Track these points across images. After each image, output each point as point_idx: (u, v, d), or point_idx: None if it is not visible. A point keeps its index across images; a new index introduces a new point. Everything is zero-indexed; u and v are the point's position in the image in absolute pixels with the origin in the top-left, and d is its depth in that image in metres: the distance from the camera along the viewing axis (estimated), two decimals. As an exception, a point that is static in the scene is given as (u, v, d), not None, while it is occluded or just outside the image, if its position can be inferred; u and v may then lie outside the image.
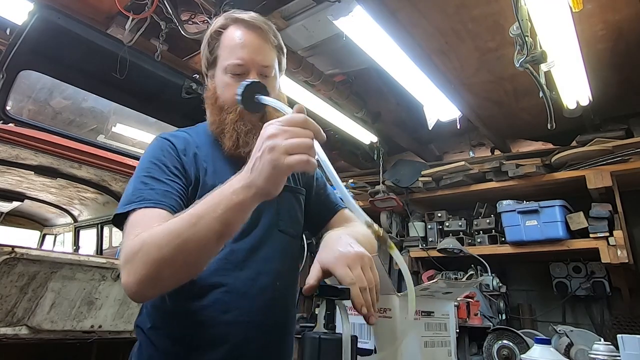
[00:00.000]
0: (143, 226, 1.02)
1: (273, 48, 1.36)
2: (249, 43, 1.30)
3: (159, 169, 1.19)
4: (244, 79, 1.24)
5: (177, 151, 1.26)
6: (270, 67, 1.32)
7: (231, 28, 1.33)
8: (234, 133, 1.27)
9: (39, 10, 2.28)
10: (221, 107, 1.31)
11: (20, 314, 2.43)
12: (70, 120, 3.88)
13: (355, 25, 2.69)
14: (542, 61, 2.36)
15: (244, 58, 1.28)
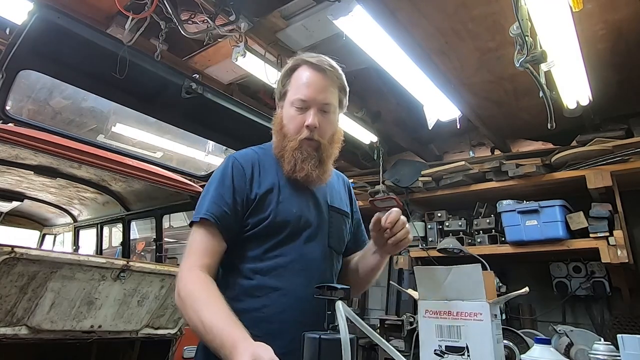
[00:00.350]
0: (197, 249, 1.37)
1: (335, 88, 1.60)
2: (313, 83, 1.51)
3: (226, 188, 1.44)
4: (305, 113, 1.49)
5: (244, 170, 1.49)
6: (329, 104, 1.55)
7: (301, 68, 1.55)
8: (292, 159, 1.49)
9: (39, 10, 2.27)
10: (285, 134, 1.52)
11: (20, 314, 2.42)
12: (70, 120, 3.87)
13: (355, 25, 2.69)
14: (542, 61, 2.36)
15: (307, 95, 1.49)
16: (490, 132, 4.35)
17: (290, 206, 1.48)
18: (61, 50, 2.52)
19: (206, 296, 1.25)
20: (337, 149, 1.62)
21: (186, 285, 1.29)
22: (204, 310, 1.21)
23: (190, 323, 1.24)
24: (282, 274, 1.41)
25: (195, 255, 1.37)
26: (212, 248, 1.39)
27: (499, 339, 1.58)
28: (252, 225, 1.44)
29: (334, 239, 1.57)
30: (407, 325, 3.40)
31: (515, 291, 1.88)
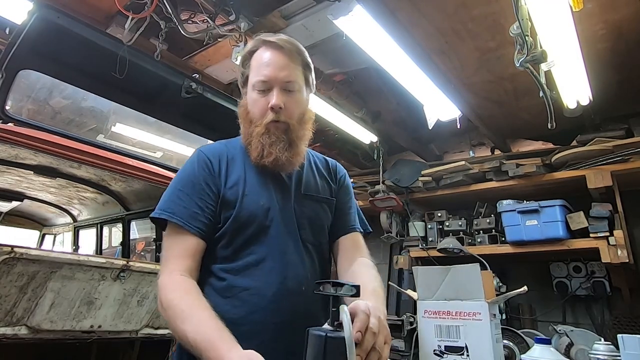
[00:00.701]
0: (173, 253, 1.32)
1: (298, 65, 1.49)
2: (272, 62, 1.43)
3: (192, 185, 1.38)
4: (268, 95, 1.42)
5: (211, 164, 1.43)
6: (293, 82, 1.45)
7: (260, 50, 1.47)
8: (259, 145, 1.42)
9: (39, 10, 2.27)
10: (250, 120, 1.46)
11: (20, 314, 2.43)
12: (70, 119, 3.87)
13: (355, 25, 2.69)
14: (542, 61, 2.35)
15: (267, 75, 1.41)
16: (490, 132, 4.34)
17: (257, 198, 1.40)
18: (61, 50, 2.53)
19: (188, 306, 1.18)
20: (308, 131, 1.54)
21: (167, 295, 1.22)
22: (187, 324, 1.14)
23: (175, 335, 1.19)
24: (253, 272, 1.34)
25: (172, 258, 1.31)
26: (189, 249, 1.33)
27: (498, 339, 1.59)
28: (221, 223, 1.38)
29: (306, 230, 1.47)
30: (407, 325, 3.38)
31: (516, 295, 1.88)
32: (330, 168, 1.69)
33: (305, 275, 1.39)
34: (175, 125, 3.36)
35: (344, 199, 1.65)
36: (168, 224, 1.35)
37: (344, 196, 1.66)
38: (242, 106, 1.52)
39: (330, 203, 1.58)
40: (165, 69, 2.86)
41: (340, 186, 1.66)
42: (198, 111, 3.11)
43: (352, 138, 4.60)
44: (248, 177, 1.44)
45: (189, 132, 3.39)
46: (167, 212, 1.34)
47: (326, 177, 1.64)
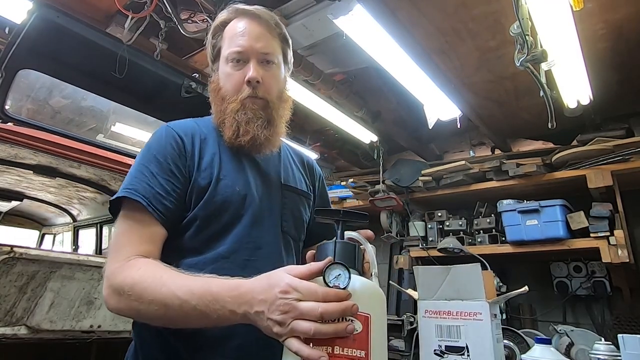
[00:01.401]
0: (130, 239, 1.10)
1: (276, 37, 1.36)
2: (248, 31, 1.30)
3: (158, 164, 1.19)
4: (244, 67, 1.27)
5: (183, 143, 1.25)
6: (271, 54, 1.32)
7: (234, 20, 1.33)
8: (234, 122, 1.27)
9: (38, 9, 2.27)
10: (223, 97, 1.31)
11: (19, 314, 2.42)
12: (70, 119, 3.86)
13: (355, 24, 2.68)
14: (543, 60, 2.35)
15: (243, 45, 1.28)
16: (490, 132, 4.34)
17: (232, 183, 1.23)
18: (60, 50, 2.53)
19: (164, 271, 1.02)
20: (287, 110, 1.39)
21: (131, 275, 1.02)
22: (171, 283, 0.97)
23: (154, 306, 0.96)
24: (224, 266, 1.14)
25: (129, 245, 1.10)
26: (150, 235, 1.13)
27: (499, 339, 1.58)
28: (190, 210, 1.19)
29: (289, 222, 1.33)
30: (407, 325, 3.39)
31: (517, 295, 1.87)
32: (305, 163, 1.57)
33: None
34: (175, 125, 3.35)
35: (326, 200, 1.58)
36: (124, 203, 1.14)
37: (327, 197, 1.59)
38: (214, 82, 1.36)
39: (309, 198, 1.46)
40: (165, 69, 2.86)
41: (321, 186, 1.58)
42: (198, 111, 3.09)
43: (352, 138, 4.59)
44: (223, 160, 1.27)
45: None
46: (126, 189, 1.13)
47: (302, 171, 1.52)
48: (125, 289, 1.01)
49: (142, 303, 0.98)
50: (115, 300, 1.03)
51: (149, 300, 0.97)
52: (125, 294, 1.00)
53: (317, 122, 4.25)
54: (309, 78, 3.36)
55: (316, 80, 3.41)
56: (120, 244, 1.11)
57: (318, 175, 1.59)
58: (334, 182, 5.05)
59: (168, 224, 1.16)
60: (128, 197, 1.12)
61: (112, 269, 1.06)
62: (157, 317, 1.00)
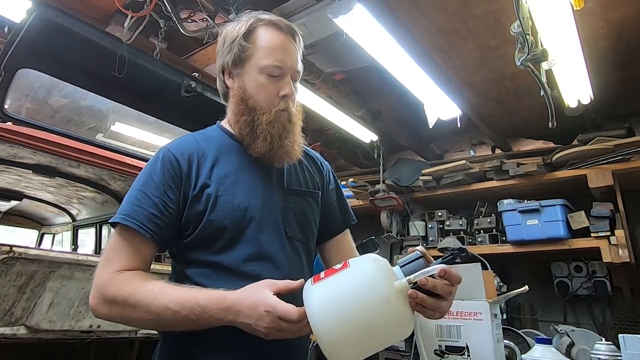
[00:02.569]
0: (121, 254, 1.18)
1: (300, 54, 1.39)
2: (287, 47, 1.33)
3: (154, 185, 1.24)
4: (279, 81, 1.31)
5: (179, 164, 1.28)
6: (300, 73, 1.37)
7: (265, 29, 1.33)
8: (268, 135, 1.29)
9: (38, 8, 2.26)
10: (253, 107, 1.31)
11: (19, 314, 2.41)
12: (69, 118, 3.85)
13: (355, 24, 2.67)
14: (543, 59, 2.34)
15: (284, 62, 1.30)
16: (491, 131, 4.33)
17: (232, 198, 1.26)
18: (60, 49, 2.52)
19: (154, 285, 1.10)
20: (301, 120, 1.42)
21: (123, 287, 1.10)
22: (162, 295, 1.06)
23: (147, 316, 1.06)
24: (232, 277, 1.20)
25: (119, 260, 1.17)
26: (139, 253, 1.19)
27: (499, 339, 1.58)
28: (192, 228, 1.25)
29: (293, 226, 1.34)
30: (408, 325, 3.38)
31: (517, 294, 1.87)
32: (313, 159, 1.59)
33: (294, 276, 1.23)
34: (174, 124, 3.35)
35: (338, 193, 1.59)
36: (118, 225, 1.21)
37: (338, 190, 1.60)
38: (239, 89, 1.34)
39: (316, 196, 1.47)
40: (164, 68, 2.85)
41: (329, 180, 1.58)
42: (198, 110, 3.10)
43: (352, 137, 4.58)
44: (222, 174, 1.29)
45: (188, 131, 3.37)
46: (122, 215, 1.20)
47: (308, 168, 1.53)
48: (119, 300, 1.09)
49: (137, 313, 1.08)
50: (106, 309, 1.12)
51: (144, 311, 1.07)
52: (120, 304, 1.09)
53: (317, 122, 4.23)
54: (309, 77, 3.35)
55: (316, 79, 3.40)
56: (110, 257, 1.18)
57: (326, 170, 1.60)
58: (334, 181, 5.03)
59: (160, 241, 1.22)
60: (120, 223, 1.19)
61: (104, 280, 1.14)
62: (150, 324, 1.12)
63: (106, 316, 1.13)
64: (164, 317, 1.06)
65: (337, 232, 1.54)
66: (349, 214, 1.58)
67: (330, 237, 1.52)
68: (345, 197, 1.62)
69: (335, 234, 1.53)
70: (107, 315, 1.12)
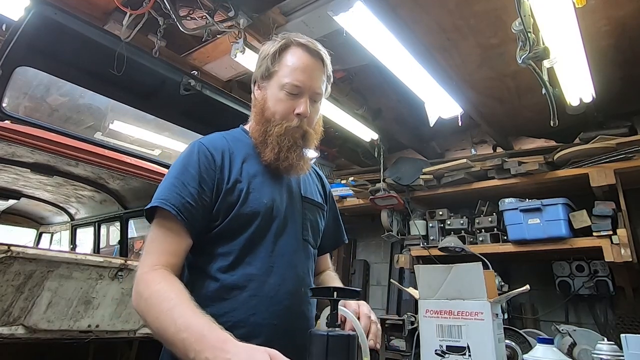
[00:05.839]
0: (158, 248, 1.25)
1: (325, 76, 1.47)
2: (308, 68, 1.41)
3: (189, 175, 1.30)
4: (297, 100, 1.39)
5: (213, 157, 1.36)
6: (320, 94, 1.45)
7: (294, 49, 1.43)
8: (276, 146, 1.39)
9: (36, 6, 2.25)
10: (268, 119, 1.41)
11: (17, 314, 2.40)
12: (67, 117, 3.85)
13: (356, 21, 2.66)
14: (545, 57, 2.33)
15: (302, 81, 1.39)
16: (492, 130, 4.32)
17: (260, 196, 1.36)
18: (58, 47, 2.51)
19: (176, 295, 1.12)
20: (318, 140, 1.52)
21: (150, 286, 1.16)
22: (177, 309, 1.08)
23: (156, 324, 1.10)
24: (252, 273, 1.29)
25: (157, 253, 1.24)
26: (176, 246, 1.26)
27: (501, 339, 1.56)
28: (220, 219, 1.32)
29: (309, 231, 1.48)
30: (408, 324, 3.37)
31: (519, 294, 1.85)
32: (318, 175, 1.72)
33: (305, 276, 1.39)
34: (173, 122, 3.34)
35: (334, 213, 1.72)
36: (157, 212, 1.27)
37: (334, 208, 1.73)
38: (260, 100, 1.46)
39: (323, 209, 1.60)
40: (163, 66, 2.83)
41: (330, 197, 1.70)
42: (197, 108, 3.09)
43: (352, 136, 4.57)
44: (252, 173, 1.39)
45: (187, 130, 3.36)
46: (159, 199, 1.26)
47: (316, 183, 1.67)
48: (143, 296, 1.15)
49: (149, 315, 1.13)
50: (136, 301, 1.18)
51: (155, 317, 1.11)
52: (143, 300, 1.15)
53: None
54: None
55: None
56: (149, 250, 1.25)
57: (327, 188, 1.73)
58: (335, 180, 5.03)
59: (194, 230, 1.27)
60: (160, 207, 1.25)
61: (140, 273, 1.21)
62: (153, 329, 1.12)
63: (135, 307, 1.19)
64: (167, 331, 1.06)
65: (329, 250, 1.71)
66: (342, 233, 1.74)
67: (322, 254, 1.66)
68: (339, 215, 1.75)
69: (327, 252, 1.70)
70: (135, 306, 1.19)
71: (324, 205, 1.62)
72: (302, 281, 1.36)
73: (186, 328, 1.02)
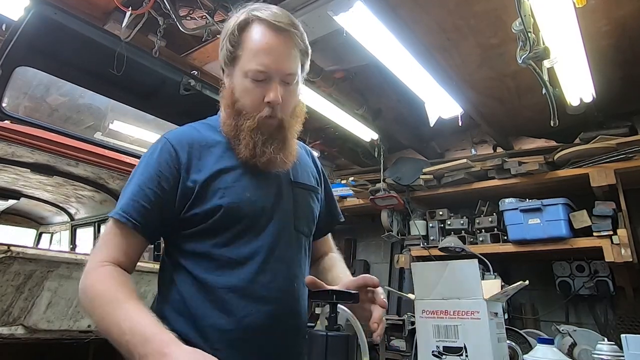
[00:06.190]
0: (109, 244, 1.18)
1: (297, 52, 1.27)
2: (274, 49, 1.22)
3: (148, 176, 1.21)
4: (265, 86, 1.22)
5: (177, 155, 1.23)
6: (293, 74, 1.26)
7: (255, 28, 1.24)
8: (250, 141, 1.24)
9: (35, 6, 2.25)
10: (239, 111, 1.26)
11: (17, 314, 2.40)
12: (67, 117, 3.85)
13: (356, 21, 2.66)
14: (545, 57, 2.33)
15: (267, 65, 1.21)
16: (492, 130, 4.31)
17: (241, 190, 1.23)
18: (58, 47, 2.51)
19: (123, 296, 1.06)
20: (300, 124, 1.35)
21: (95, 285, 1.09)
22: (121, 311, 1.03)
23: (102, 325, 1.05)
24: (240, 271, 1.19)
25: (107, 249, 1.17)
26: (127, 245, 1.18)
27: (501, 338, 1.55)
28: (196, 220, 1.21)
29: (301, 220, 1.34)
30: (408, 325, 3.37)
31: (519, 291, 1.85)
32: (307, 152, 1.56)
33: (298, 271, 1.29)
34: (173, 122, 3.33)
35: (328, 192, 1.58)
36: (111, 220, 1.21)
37: (328, 187, 1.58)
38: (228, 90, 1.29)
39: (317, 192, 1.47)
40: (163, 66, 2.83)
41: (323, 176, 1.56)
42: (196, 108, 3.07)
43: (352, 136, 4.57)
44: (231, 167, 1.26)
45: (187, 129, 3.36)
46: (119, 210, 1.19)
47: (308, 164, 1.51)
48: (89, 295, 1.10)
49: (94, 315, 1.08)
50: (82, 297, 1.13)
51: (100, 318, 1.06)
52: (88, 300, 1.10)
53: (317, 120, 4.22)
54: (309, 76, 3.31)
55: (316, 77, 3.39)
56: (100, 245, 1.19)
57: (319, 166, 1.58)
58: (335, 180, 5.02)
59: (149, 231, 1.20)
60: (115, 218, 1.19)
61: (87, 268, 1.15)
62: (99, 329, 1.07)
63: (81, 304, 1.14)
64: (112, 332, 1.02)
65: (327, 231, 1.59)
66: (337, 212, 1.61)
67: (320, 237, 1.55)
68: (333, 194, 1.62)
69: (325, 233, 1.58)
70: (81, 303, 1.14)
71: (318, 187, 1.48)
72: (295, 277, 1.26)
73: (130, 331, 0.98)
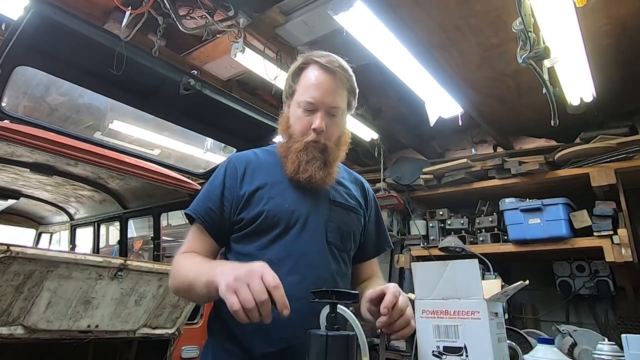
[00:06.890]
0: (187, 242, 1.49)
1: (344, 90, 1.53)
2: (322, 85, 1.48)
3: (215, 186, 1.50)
4: (313, 115, 1.48)
5: (236, 169, 1.52)
6: (337, 108, 1.51)
7: (311, 67, 1.51)
8: (296, 160, 1.48)
9: (35, 5, 2.23)
10: (290, 135, 1.53)
11: (16, 314, 2.39)
12: (67, 116, 3.85)
13: (356, 21, 2.66)
14: (546, 57, 2.33)
15: (315, 98, 1.47)
16: (492, 129, 4.31)
17: (282, 201, 1.47)
18: (57, 46, 2.49)
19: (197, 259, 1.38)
20: (343, 151, 1.62)
21: (178, 260, 1.41)
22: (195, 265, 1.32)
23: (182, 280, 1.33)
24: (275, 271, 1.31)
25: (186, 245, 1.47)
26: (203, 245, 1.46)
27: (501, 338, 1.54)
28: (243, 224, 1.46)
29: (334, 233, 1.52)
30: (409, 324, 3.35)
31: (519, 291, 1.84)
32: (361, 184, 1.80)
33: (328, 277, 1.44)
34: (173, 122, 3.32)
35: (379, 219, 1.79)
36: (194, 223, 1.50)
37: (378, 215, 1.79)
38: (284, 118, 1.58)
39: (359, 212, 1.65)
40: (163, 66, 2.81)
41: (372, 203, 1.77)
42: (196, 108, 3.07)
43: (352, 135, 4.55)
44: (277, 182, 1.51)
45: (187, 130, 3.35)
46: (195, 212, 1.48)
47: (354, 189, 1.72)
48: (175, 267, 1.40)
49: (177, 279, 1.37)
50: (170, 277, 1.42)
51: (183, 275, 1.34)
52: (174, 270, 1.40)
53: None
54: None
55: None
56: (183, 244, 1.49)
57: (370, 194, 1.79)
58: (335, 180, 5.01)
59: (214, 231, 1.47)
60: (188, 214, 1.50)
61: (174, 259, 1.44)
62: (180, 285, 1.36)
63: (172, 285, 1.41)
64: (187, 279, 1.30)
65: (373, 256, 1.77)
66: (385, 240, 1.81)
67: (362, 261, 1.73)
68: (384, 224, 1.82)
69: (368, 259, 1.75)
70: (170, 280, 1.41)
71: (359, 209, 1.66)
72: (323, 280, 1.41)
73: (197, 270, 1.28)
